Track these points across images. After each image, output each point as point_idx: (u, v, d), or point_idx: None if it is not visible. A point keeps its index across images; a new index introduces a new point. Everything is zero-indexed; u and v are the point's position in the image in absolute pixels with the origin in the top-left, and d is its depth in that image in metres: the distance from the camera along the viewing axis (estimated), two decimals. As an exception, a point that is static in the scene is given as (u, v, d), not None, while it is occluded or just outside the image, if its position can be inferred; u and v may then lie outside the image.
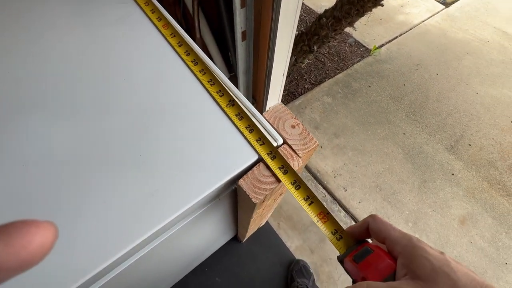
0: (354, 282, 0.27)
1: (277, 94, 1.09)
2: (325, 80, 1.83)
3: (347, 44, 2.05)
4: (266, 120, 0.39)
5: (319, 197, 1.37)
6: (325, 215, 0.32)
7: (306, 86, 1.79)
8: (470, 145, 1.60)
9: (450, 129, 1.66)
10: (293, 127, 0.38)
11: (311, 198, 0.33)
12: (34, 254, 0.10)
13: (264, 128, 0.38)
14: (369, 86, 1.82)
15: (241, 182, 0.33)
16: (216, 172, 0.33)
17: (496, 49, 2.12)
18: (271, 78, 0.91)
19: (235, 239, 1.14)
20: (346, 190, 1.40)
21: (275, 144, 0.37)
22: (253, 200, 0.32)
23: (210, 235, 0.65)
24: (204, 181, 0.33)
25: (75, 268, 0.27)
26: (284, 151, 0.36)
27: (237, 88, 0.55)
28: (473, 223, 1.34)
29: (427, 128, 1.66)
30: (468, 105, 1.78)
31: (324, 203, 1.41)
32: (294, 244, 1.23)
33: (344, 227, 0.31)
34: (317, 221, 0.32)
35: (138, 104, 0.38)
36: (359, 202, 1.36)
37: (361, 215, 1.32)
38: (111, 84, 0.39)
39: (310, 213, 0.32)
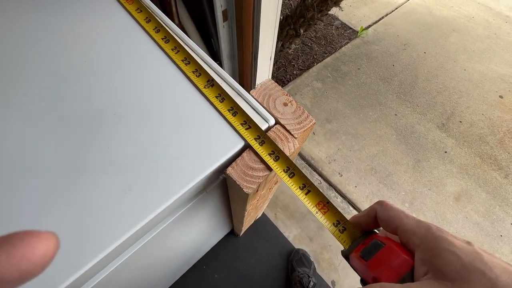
0: (363, 282, 0.23)
1: (265, 79, 1.03)
2: (314, 65, 1.78)
3: (334, 26, 2.00)
4: (255, 99, 0.34)
5: (315, 184, 1.34)
6: (325, 204, 0.28)
7: (294, 72, 1.74)
8: (461, 122, 1.60)
9: (441, 107, 1.66)
10: (285, 105, 0.34)
11: (307, 187, 0.29)
12: (36, 265, 0.10)
13: (253, 108, 0.33)
14: (358, 69, 1.79)
15: (229, 170, 0.29)
16: (198, 162, 0.29)
17: (481, 24, 2.12)
18: (258, 62, 0.86)
19: (232, 233, 1.10)
20: (341, 175, 1.37)
21: (265, 126, 0.32)
22: (245, 190, 0.28)
23: (204, 231, 0.61)
24: (184, 174, 0.28)
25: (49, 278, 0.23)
26: (277, 132, 0.32)
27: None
28: (468, 199, 1.35)
29: (418, 107, 1.64)
30: (457, 82, 1.77)
31: (320, 190, 1.39)
32: (293, 234, 1.20)
33: (342, 213, 0.27)
34: (316, 212, 0.28)
35: (102, 89, 0.32)
36: (355, 187, 1.34)
37: (358, 199, 1.31)
38: (71, 68, 0.33)
39: (307, 204, 0.28)
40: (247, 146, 0.31)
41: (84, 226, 0.25)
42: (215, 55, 1.14)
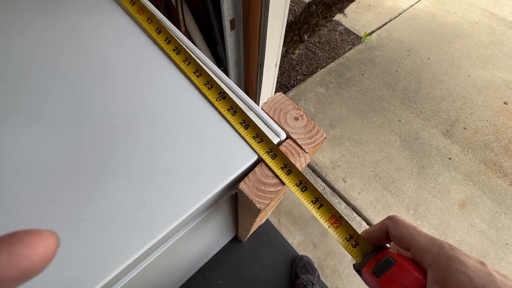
0: None
1: (270, 86, 1.04)
2: (317, 70, 1.79)
3: (337, 32, 2.01)
4: (266, 113, 0.34)
5: (319, 190, 1.34)
6: (337, 219, 0.28)
7: (298, 78, 1.75)
8: (465, 128, 1.60)
9: (445, 113, 1.65)
10: (296, 119, 0.34)
11: (320, 201, 0.29)
12: (36, 264, 0.10)
13: (264, 123, 0.33)
14: (362, 74, 1.79)
15: (242, 185, 0.29)
16: (211, 176, 0.29)
17: (485, 30, 2.12)
18: (264, 70, 0.86)
19: (235, 239, 1.10)
20: (345, 181, 1.37)
21: (277, 140, 0.32)
22: (257, 205, 0.28)
23: (210, 240, 0.61)
24: (198, 189, 0.28)
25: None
26: (288, 147, 0.32)
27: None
28: (473, 206, 1.34)
29: (422, 113, 1.64)
30: (461, 88, 1.77)
31: (332, 205, 1.38)
32: (296, 240, 1.20)
33: (347, 219, 0.27)
34: (329, 227, 0.28)
35: (116, 104, 0.32)
36: (359, 193, 1.34)
37: (362, 205, 1.30)
38: (85, 80, 0.34)
39: (319, 218, 0.28)
40: (259, 161, 0.31)
41: (99, 242, 0.25)
42: (220, 61, 1.15)
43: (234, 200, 0.38)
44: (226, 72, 1.04)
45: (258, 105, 0.35)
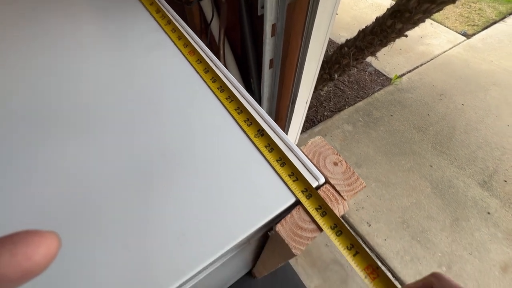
0: None
1: (299, 121, 1.06)
2: (345, 108, 1.80)
3: (367, 72, 2.04)
4: (305, 155, 0.35)
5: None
6: (374, 269, 0.27)
7: (325, 113, 1.76)
8: (505, 181, 1.48)
9: (482, 162, 1.55)
10: (335, 164, 0.34)
11: (355, 248, 0.28)
12: (38, 263, 0.10)
13: (303, 165, 0.34)
14: (391, 115, 1.77)
15: (279, 228, 0.29)
16: (249, 214, 0.29)
17: (525, 80, 2.04)
18: (295, 106, 0.89)
19: (249, 273, 1.05)
20: (370, 225, 1.29)
21: (315, 184, 0.32)
22: (293, 251, 0.28)
23: (227, 276, 0.59)
24: (235, 226, 0.28)
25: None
26: (326, 192, 0.32)
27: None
28: (518, 271, 1.19)
29: (456, 160, 1.55)
30: (500, 138, 1.67)
31: (369, 253, 1.30)
32: (314, 284, 1.12)
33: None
34: (365, 277, 0.27)
35: (163, 136, 0.35)
36: (385, 240, 1.25)
37: (388, 254, 1.21)
38: (137, 111, 0.37)
39: (355, 266, 0.27)
40: (296, 203, 0.31)
41: (139, 269, 0.26)
42: (252, 94, 1.20)
43: (264, 239, 0.37)
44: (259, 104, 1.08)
45: (305, 144, 0.36)
